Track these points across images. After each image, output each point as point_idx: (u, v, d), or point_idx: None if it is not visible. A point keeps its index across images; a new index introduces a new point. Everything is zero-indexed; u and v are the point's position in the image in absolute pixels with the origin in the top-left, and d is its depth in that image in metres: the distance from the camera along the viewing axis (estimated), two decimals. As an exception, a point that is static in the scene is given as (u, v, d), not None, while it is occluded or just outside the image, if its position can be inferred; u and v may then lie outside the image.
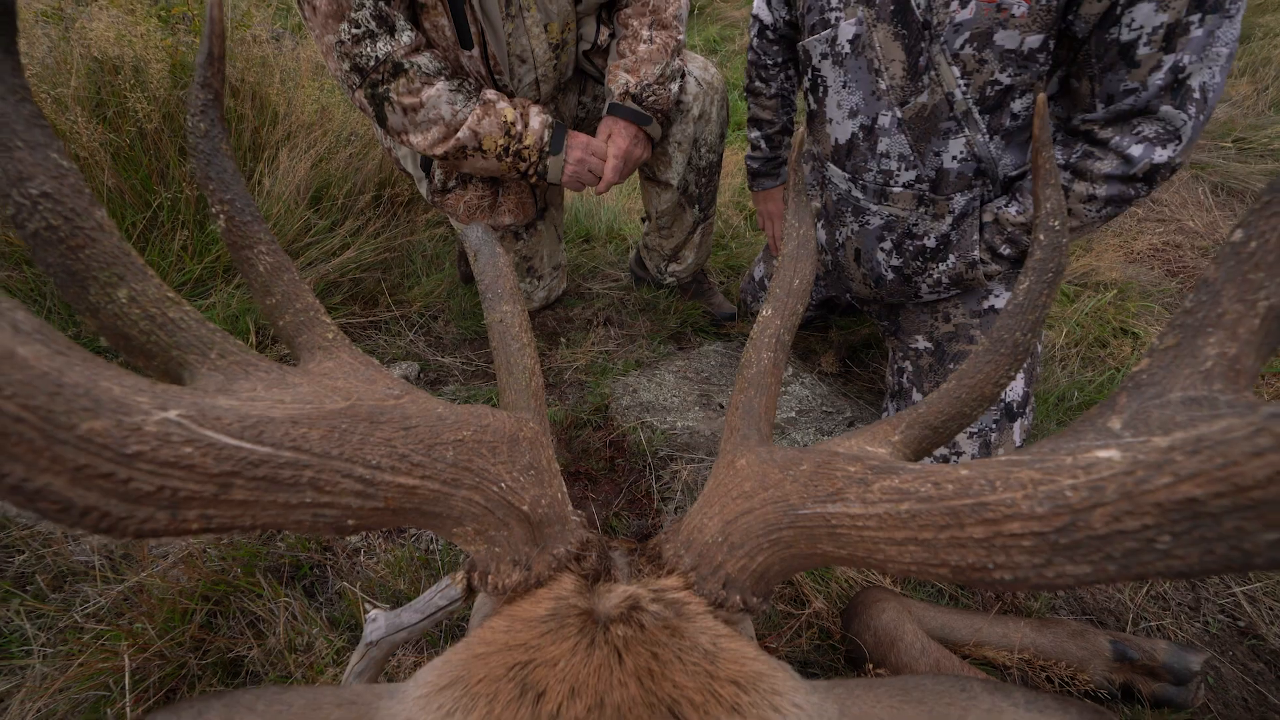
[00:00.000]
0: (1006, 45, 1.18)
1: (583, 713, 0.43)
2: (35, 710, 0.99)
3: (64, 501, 0.36)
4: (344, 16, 1.20)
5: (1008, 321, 0.65)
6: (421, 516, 0.52)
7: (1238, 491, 0.33)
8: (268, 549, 1.21)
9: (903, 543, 0.46)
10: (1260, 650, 1.19)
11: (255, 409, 0.47)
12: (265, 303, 0.64)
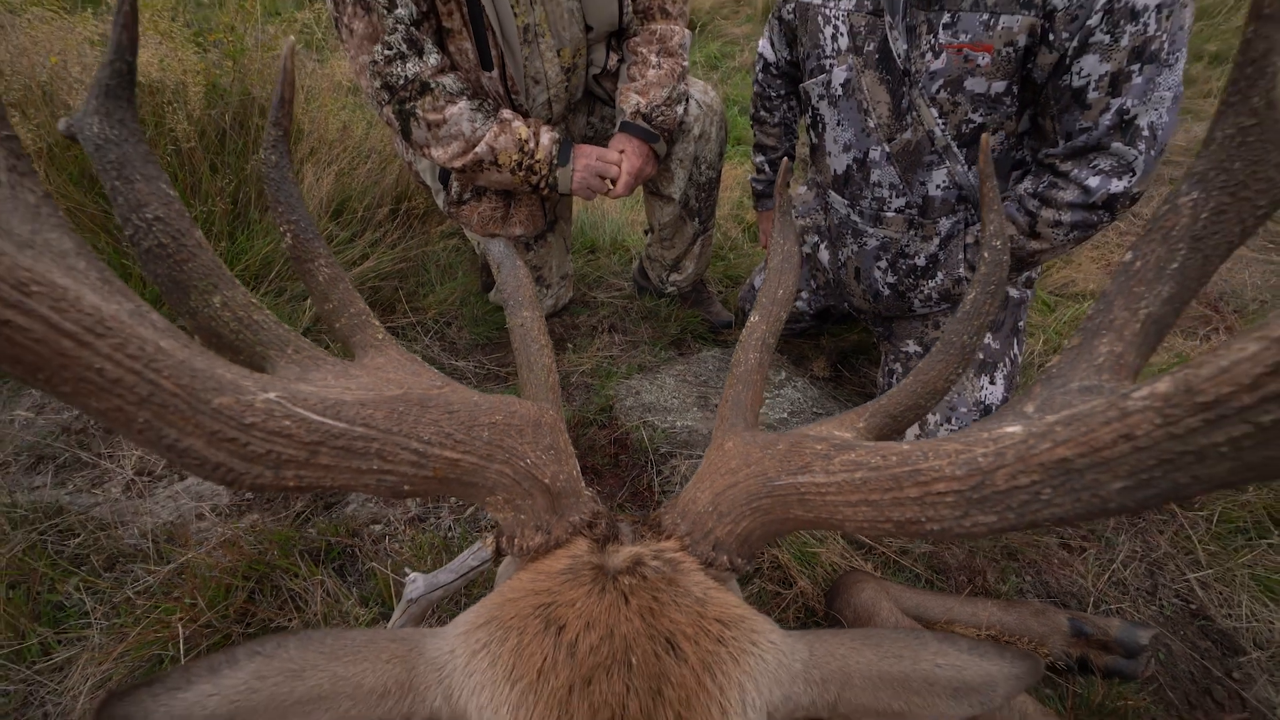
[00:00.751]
0: (976, 90, 1.30)
1: (596, 641, 0.53)
2: (95, 674, 1.09)
3: (202, 458, 0.46)
4: (378, 39, 1.31)
5: (956, 327, 0.75)
6: (461, 486, 0.62)
7: (1093, 451, 0.43)
8: (300, 534, 1.31)
9: (856, 504, 0.56)
10: (1208, 630, 1.28)
11: (331, 393, 0.57)
12: (324, 308, 0.75)
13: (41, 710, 1.09)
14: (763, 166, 1.96)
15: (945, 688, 0.61)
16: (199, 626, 1.09)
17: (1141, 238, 0.58)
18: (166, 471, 1.47)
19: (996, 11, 1.22)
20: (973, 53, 1.27)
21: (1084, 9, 1.15)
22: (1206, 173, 0.56)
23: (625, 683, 0.51)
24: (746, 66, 6.22)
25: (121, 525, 1.31)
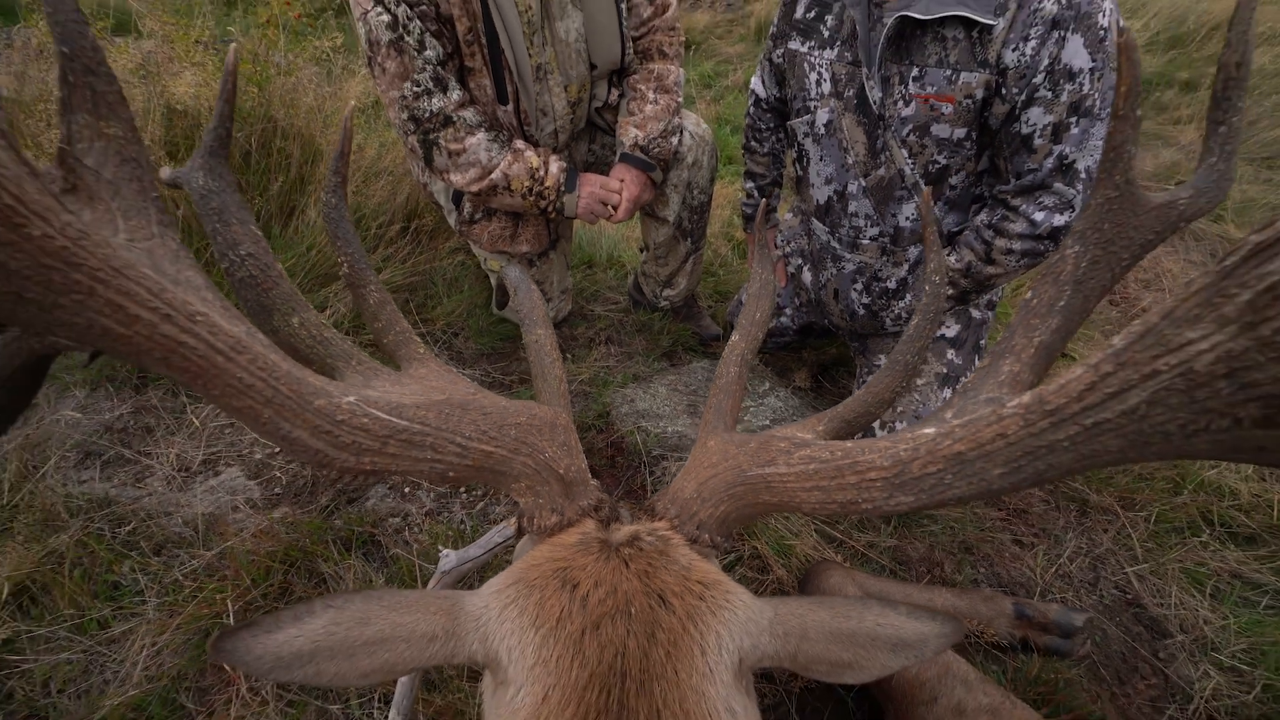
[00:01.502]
0: (940, 135, 1.45)
1: (603, 596, 0.67)
2: (151, 644, 1.21)
3: (306, 446, 0.60)
4: (408, 77, 1.46)
5: (901, 348, 0.90)
6: (492, 474, 0.76)
7: (979, 447, 0.57)
8: (328, 524, 1.44)
9: (810, 489, 0.70)
10: (1141, 616, 1.43)
11: (392, 397, 0.71)
12: (375, 325, 0.88)
13: (101, 677, 1.21)
14: (752, 192, 2.12)
15: (886, 643, 0.74)
16: (245, 603, 1.22)
17: (1037, 280, 0.73)
18: (201, 468, 1.60)
19: (958, 68, 1.38)
20: (938, 102, 1.43)
21: (1030, 69, 1.31)
22: (1085, 231, 0.71)
23: (626, 627, 0.64)
24: (739, 85, 6.36)
25: (166, 515, 1.43)
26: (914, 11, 1.34)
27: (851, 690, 1.23)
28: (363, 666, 0.65)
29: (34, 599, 1.29)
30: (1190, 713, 1.24)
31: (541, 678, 0.63)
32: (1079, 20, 1.27)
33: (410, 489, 1.59)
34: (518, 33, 1.48)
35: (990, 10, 1.29)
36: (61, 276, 0.46)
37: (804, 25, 1.62)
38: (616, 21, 1.62)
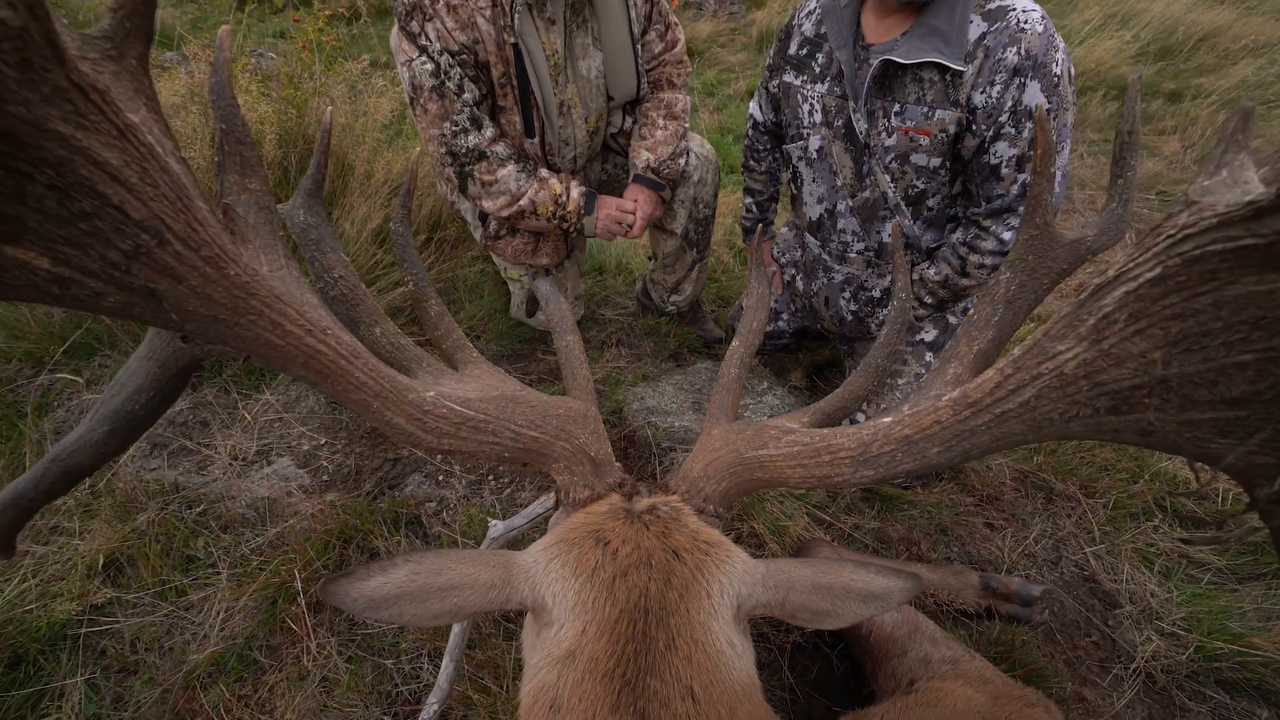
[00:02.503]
0: (919, 163, 1.62)
1: (629, 551, 0.83)
2: (225, 609, 1.39)
3: (403, 430, 0.77)
4: (448, 117, 1.62)
5: (873, 354, 1.06)
6: (537, 456, 0.93)
7: (921, 431, 0.74)
8: (374, 506, 1.61)
9: (794, 467, 0.87)
10: (1096, 590, 1.59)
11: (459, 392, 0.88)
12: (434, 333, 1.05)
13: (182, 637, 1.38)
14: (750, 206, 2.28)
15: (858, 595, 0.90)
16: (310, 573, 1.39)
17: (979, 300, 0.90)
18: (256, 458, 1.77)
19: (934, 106, 1.54)
20: (916, 135, 1.60)
21: (997, 109, 1.47)
22: (1015, 261, 0.87)
23: (648, 575, 0.81)
24: (741, 94, 6.49)
25: (230, 499, 1.61)
26: (896, 56, 1.51)
27: (836, 648, 1.40)
28: (435, 609, 0.81)
29: (121, 570, 1.47)
30: (1131, 670, 1.41)
31: (580, 615, 0.79)
32: (1036, 69, 1.43)
33: (444, 476, 1.76)
34: (545, 74, 1.65)
35: (961, 58, 1.46)
36: (244, 303, 0.64)
37: (797, 61, 1.79)
38: (633, 59, 1.79)
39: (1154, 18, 7.12)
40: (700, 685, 0.76)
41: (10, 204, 0.47)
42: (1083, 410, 0.63)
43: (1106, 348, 0.58)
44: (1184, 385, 0.56)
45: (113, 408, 0.77)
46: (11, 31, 0.39)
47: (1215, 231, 0.47)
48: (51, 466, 0.77)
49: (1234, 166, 0.52)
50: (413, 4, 1.54)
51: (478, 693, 1.24)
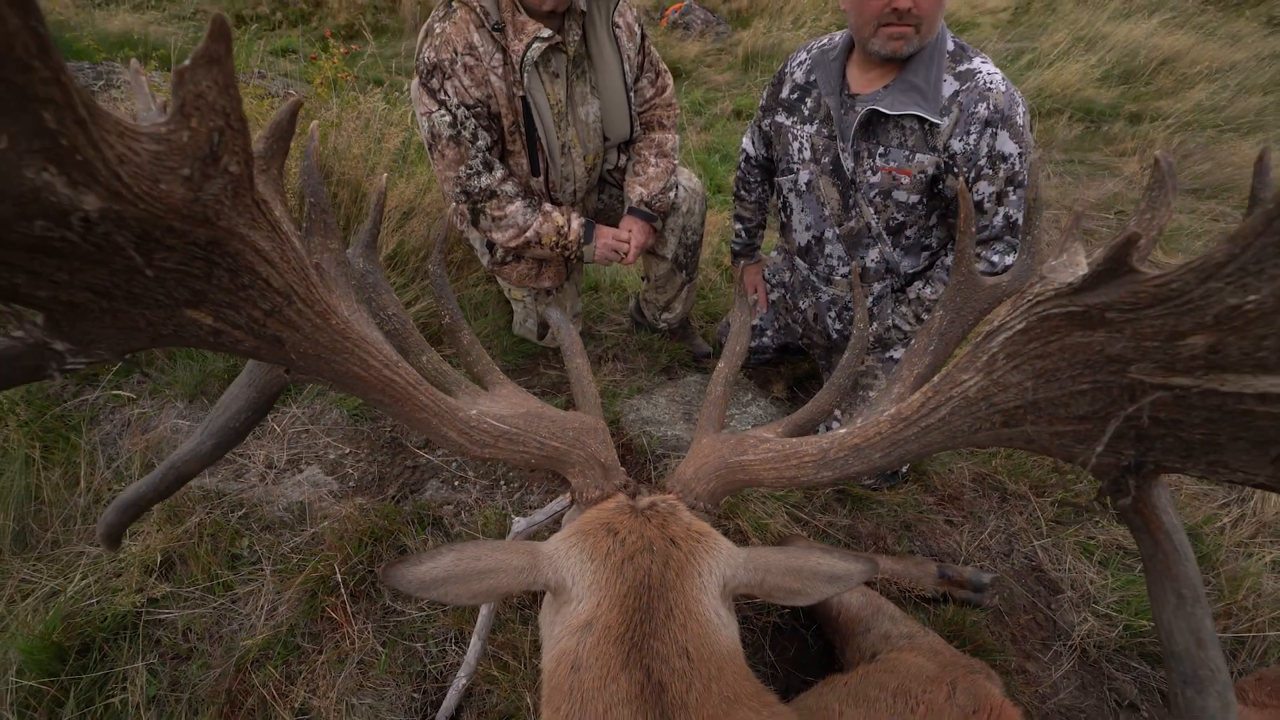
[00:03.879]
0: (899, 199, 1.82)
1: (634, 539, 1.02)
2: (270, 601, 1.55)
3: (454, 442, 0.95)
4: (463, 161, 1.81)
5: (837, 374, 1.26)
6: (557, 463, 1.11)
7: (867, 439, 0.94)
8: (398, 509, 1.78)
9: (768, 469, 1.06)
10: (1042, 578, 1.80)
11: (495, 410, 1.06)
12: (466, 359, 1.23)
13: (230, 627, 1.55)
14: (740, 233, 2.48)
15: (824, 576, 1.09)
16: (348, 567, 1.56)
17: (920, 333, 1.10)
18: (287, 466, 1.93)
19: (914, 150, 1.75)
20: (898, 174, 1.80)
21: (975, 154, 1.67)
22: (946, 301, 1.07)
23: (650, 558, 0.99)
24: (728, 113, 6.69)
25: (268, 503, 1.77)
26: (882, 107, 1.71)
27: (810, 629, 1.58)
28: (474, 588, 0.99)
29: (172, 567, 1.63)
30: (1068, 646, 1.61)
31: (595, 591, 0.97)
32: (1004, 121, 1.64)
33: (459, 482, 1.94)
34: (549, 121, 1.84)
35: (937, 112, 1.67)
36: (340, 344, 0.82)
37: (788, 104, 2.00)
38: (627, 104, 1.99)
39: (1118, 41, 7.46)
40: (693, 647, 0.93)
41: (200, 283, 0.65)
42: (984, 424, 0.83)
43: (995, 377, 0.78)
44: (1048, 406, 0.76)
45: (219, 425, 0.95)
46: (235, 177, 0.57)
47: (1054, 300, 0.67)
48: (169, 471, 0.94)
49: (1071, 252, 0.72)
50: (433, 64, 1.73)
51: (499, 670, 1.42)
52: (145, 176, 0.51)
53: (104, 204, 0.49)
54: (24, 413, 1.86)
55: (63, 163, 0.45)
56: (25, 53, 0.38)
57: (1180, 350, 0.56)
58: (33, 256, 0.49)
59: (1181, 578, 0.74)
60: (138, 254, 0.54)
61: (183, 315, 0.68)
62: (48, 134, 0.43)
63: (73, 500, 1.76)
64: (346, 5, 8.59)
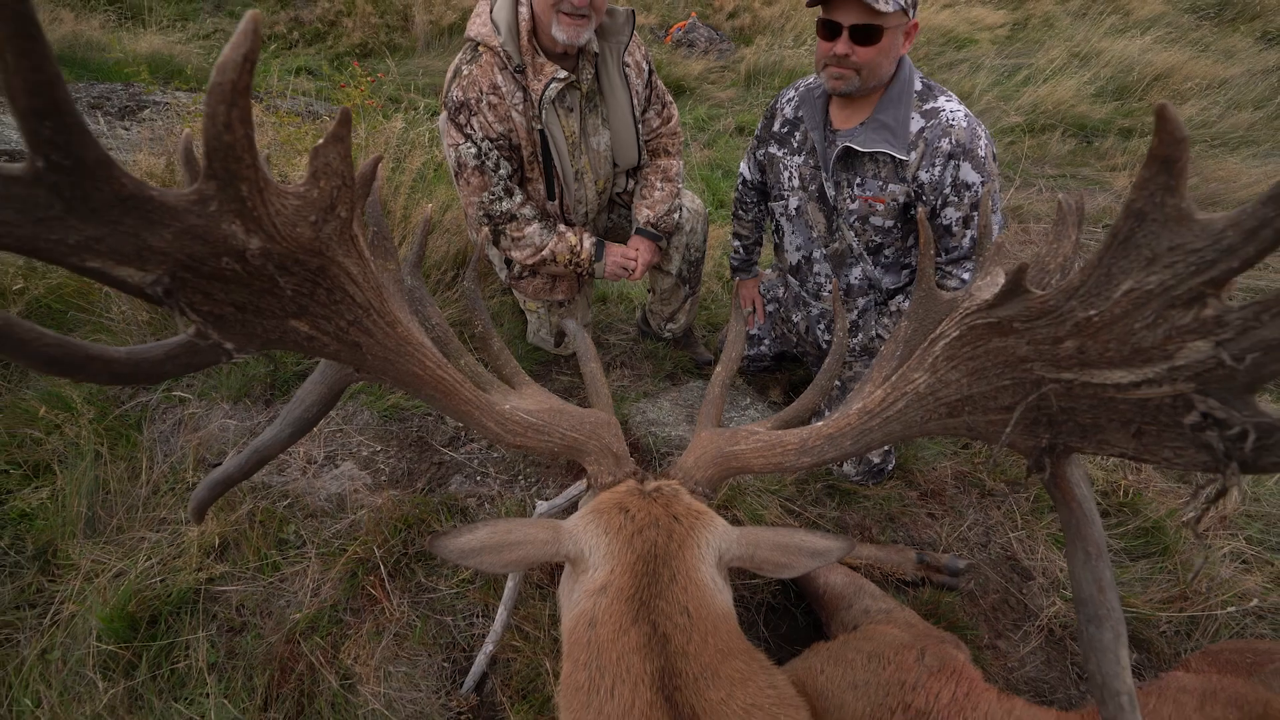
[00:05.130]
0: (876, 223, 2.01)
1: (643, 515, 1.19)
2: (315, 580, 1.73)
3: (492, 432, 1.13)
4: (486, 188, 2.01)
5: (820, 377, 1.43)
6: (577, 452, 1.28)
7: (839, 430, 1.11)
8: (428, 500, 1.96)
9: (757, 457, 1.23)
10: (1015, 566, 1.95)
11: (524, 405, 1.24)
12: (496, 363, 1.41)
13: (279, 603, 1.72)
14: (738, 249, 2.67)
15: (807, 551, 1.25)
16: (386, 549, 1.74)
17: (889, 340, 1.27)
18: (325, 462, 2.12)
19: (887, 181, 1.93)
20: (874, 202, 1.98)
21: (940, 184, 1.85)
22: (911, 313, 1.25)
23: (655, 532, 1.16)
24: (730, 130, 6.87)
25: (310, 494, 1.95)
26: (855, 144, 1.90)
27: (800, 607, 1.75)
28: (506, 558, 1.16)
29: (227, 549, 1.81)
30: (1036, 626, 1.77)
31: (609, 559, 1.14)
32: (966, 153, 1.82)
33: (481, 477, 2.11)
34: (564, 151, 2.04)
35: (905, 149, 1.85)
36: (404, 349, 1.00)
37: (779, 137, 2.19)
38: (635, 134, 2.18)
39: (1113, 57, 7.64)
40: (693, 606, 1.10)
41: (305, 299, 0.83)
42: (932, 415, 1.00)
43: (939, 376, 0.95)
44: (981, 398, 0.93)
45: (295, 416, 1.13)
46: (343, 220, 0.76)
47: (978, 313, 0.85)
48: (253, 455, 1.12)
49: (993, 274, 0.90)
50: (461, 102, 1.93)
51: (521, 640, 1.59)
52: (289, 223, 0.69)
53: (263, 244, 0.67)
54: (90, 413, 2.05)
55: (244, 217, 0.63)
56: (242, 150, 0.57)
57: (1061, 351, 0.73)
58: (210, 282, 0.67)
59: (1089, 538, 0.91)
60: (279, 278, 0.72)
61: (287, 324, 0.86)
62: (240, 200, 0.61)
63: (135, 491, 1.94)
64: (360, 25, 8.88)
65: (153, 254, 0.60)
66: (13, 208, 0.49)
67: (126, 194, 0.55)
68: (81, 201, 0.52)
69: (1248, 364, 0.55)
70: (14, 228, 0.50)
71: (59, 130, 0.47)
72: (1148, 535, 2.01)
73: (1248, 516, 2.08)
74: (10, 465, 2.00)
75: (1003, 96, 6.91)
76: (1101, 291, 0.65)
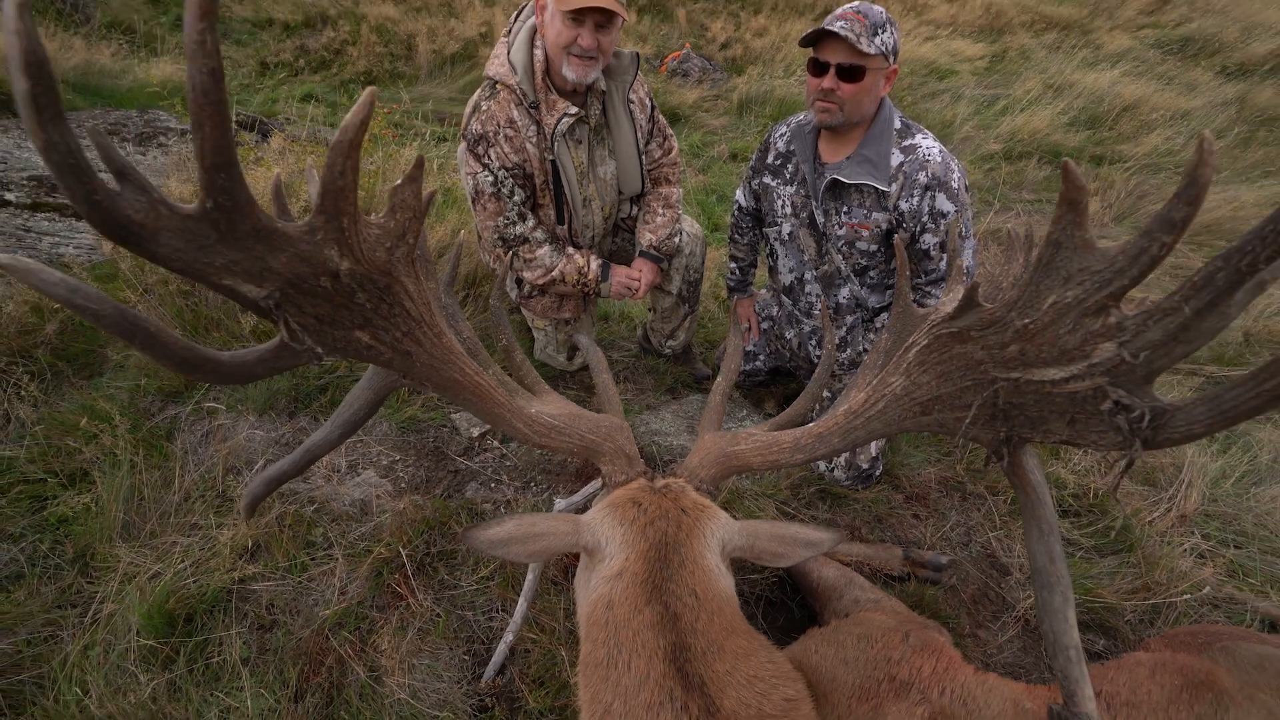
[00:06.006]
0: (862, 247, 2.17)
1: (654, 508, 1.31)
2: (342, 579, 1.84)
3: (520, 432, 1.26)
4: (502, 213, 2.17)
5: (811, 385, 1.57)
6: (593, 452, 1.42)
7: (829, 429, 1.25)
8: (446, 505, 2.07)
9: (756, 456, 1.37)
10: (994, 563, 2.09)
11: (547, 410, 1.38)
12: (518, 374, 1.55)
13: (307, 601, 1.83)
14: (735, 270, 2.82)
15: (800, 542, 1.38)
16: (411, 549, 1.85)
17: (869, 353, 1.42)
18: (347, 470, 2.23)
19: (870, 210, 2.10)
20: (859, 229, 2.15)
21: (919, 213, 2.02)
22: (890, 326, 1.40)
23: (666, 523, 1.28)
24: (724, 156, 7.08)
25: (335, 500, 2.07)
26: (841, 176, 2.07)
27: (795, 600, 1.87)
28: (530, 548, 1.28)
29: (258, 551, 1.91)
30: (1014, 616, 1.90)
31: (624, 548, 1.27)
32: (941, 185, 2.00)
33: (495, 484, 2.23)
34: (573, 179, 2.20)
35: (886, 181, 2.02)
36: (447, 357, 1.14)
37: (773, 168, 2.36)
38: (639, 165, 2.35)
39: (1085, 89, 7.97)
40: (700, 588, 1.22)
41: (369, 313, 0.97)
42: (908, 414, 1.14)
43: (913, 379, 1.10)
44: (948, 398, 1.07)
45: (345, 418, 1.26)
46: (410, 246, 0.90)
47: (942, 324, 1.00)
48: (305, 454, 1.25)
49: (955, 291, 1.05)
50: (480, 134, 2.09)
51: (538, 632, 1.70)
52: (370, 248, 0.83)
53: (351, 266, 0.81)
54: (126, 424, 2.17)
55: (341, 244, 0.77)
56: (349, 191, 0.71)
57: (1007, 354, 0.88)
58: (306, 297, 0.81)
59: (1042, 517, 1.05)
60: (358, 294, 0.86)
61: (352, 335, 0.99)
62: (341, 230, 0.75)
63: (168, 498, 2.05)
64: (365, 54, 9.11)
65: (270, 273, 0.74)
66: (184, 238, 0.63)
67: (260, 226, 0.69)
68: (230, 232, 0.67)
69: (1142, 360, 0.70)
70: (181, 253, 0.64)
71: (229, 179, 0.61)
72: (1115, 534, 2.15)
73: (1206, 515, 2.23)
74: (48, 474, 2.11)
75: (982, 125, 7.20)
76: (1033, 304, 0.80)
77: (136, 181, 0.57)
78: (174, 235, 0.61)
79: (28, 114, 0.46)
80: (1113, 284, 0.68)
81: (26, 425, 2.22)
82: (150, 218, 0.58)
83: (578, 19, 1.95)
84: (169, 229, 0.61)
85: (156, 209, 0.59)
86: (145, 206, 0.58)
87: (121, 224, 0.56)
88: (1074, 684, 0.95)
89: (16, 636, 1.69)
